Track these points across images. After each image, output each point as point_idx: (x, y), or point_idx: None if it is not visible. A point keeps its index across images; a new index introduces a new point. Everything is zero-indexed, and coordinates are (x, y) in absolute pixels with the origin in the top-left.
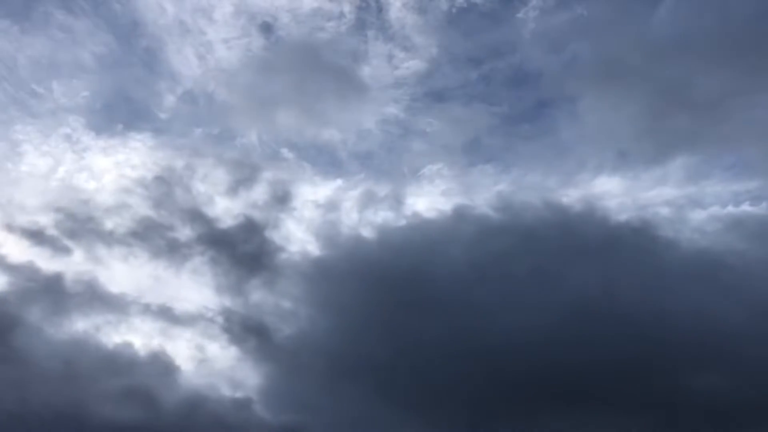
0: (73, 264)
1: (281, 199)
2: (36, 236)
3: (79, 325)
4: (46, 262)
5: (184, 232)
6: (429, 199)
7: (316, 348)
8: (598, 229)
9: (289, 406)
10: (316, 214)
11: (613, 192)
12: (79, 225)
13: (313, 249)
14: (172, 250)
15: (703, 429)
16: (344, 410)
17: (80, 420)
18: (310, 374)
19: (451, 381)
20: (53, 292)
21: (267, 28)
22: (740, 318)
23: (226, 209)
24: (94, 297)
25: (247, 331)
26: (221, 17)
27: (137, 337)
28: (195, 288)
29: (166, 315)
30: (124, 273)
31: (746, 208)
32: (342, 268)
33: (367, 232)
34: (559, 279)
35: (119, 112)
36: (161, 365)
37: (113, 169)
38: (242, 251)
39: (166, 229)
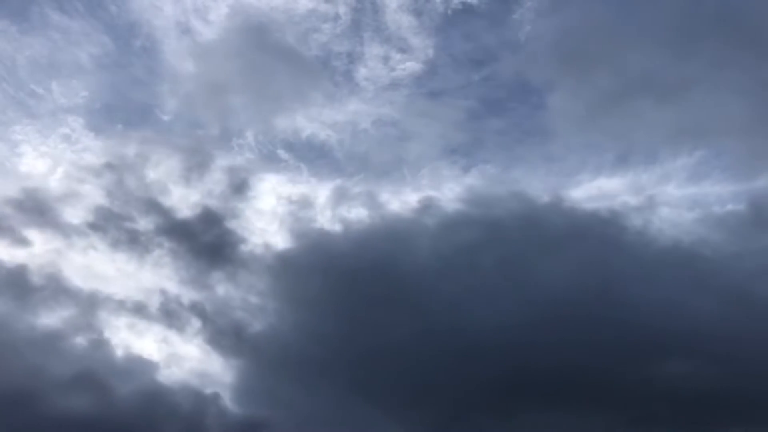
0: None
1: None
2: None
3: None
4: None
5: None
6: (410, 197)
7: (286, 343)
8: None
9: (257, 401)
10: (290, 209)
11: (587, 183)
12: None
13: (287, 243)
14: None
15: (680, 421)
16: (314, 406)
17: (37, 412)
18: (279, 370)
19: (426, 378)
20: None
21: (262, 29)
22: (718, 311)
23: (224, 208)
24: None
25: (216, 325)
26: (216, 18)
27: (104, 330)
28: (167, 281)
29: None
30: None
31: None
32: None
33: (340, 228)
34: (535, 275)
35: (118, 113)
36: (126, 359)
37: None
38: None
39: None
